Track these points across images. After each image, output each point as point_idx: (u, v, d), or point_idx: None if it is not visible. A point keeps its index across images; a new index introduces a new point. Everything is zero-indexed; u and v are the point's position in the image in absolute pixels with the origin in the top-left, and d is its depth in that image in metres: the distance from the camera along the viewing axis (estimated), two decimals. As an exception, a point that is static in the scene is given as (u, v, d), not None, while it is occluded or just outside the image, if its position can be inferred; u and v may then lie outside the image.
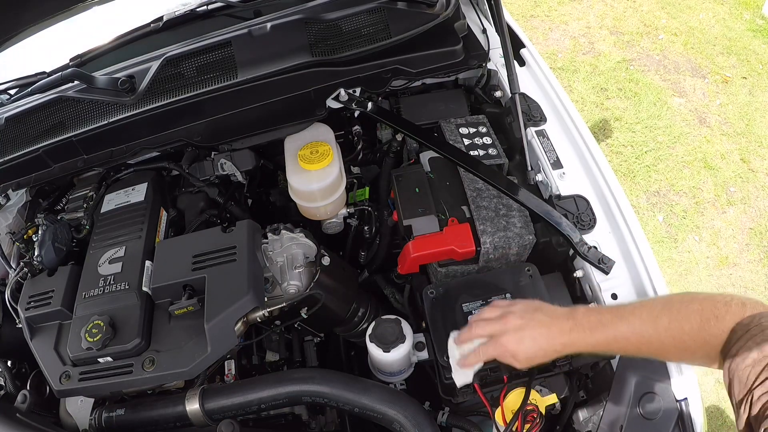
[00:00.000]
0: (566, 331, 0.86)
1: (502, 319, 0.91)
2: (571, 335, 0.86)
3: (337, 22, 1.33)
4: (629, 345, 0.83)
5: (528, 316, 0.90)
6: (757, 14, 4.03)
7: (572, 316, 0.88)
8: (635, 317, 0.82)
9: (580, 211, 1.20)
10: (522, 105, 1.34)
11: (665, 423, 0.95)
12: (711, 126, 3.33)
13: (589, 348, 0.87)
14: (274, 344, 1.33)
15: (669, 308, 0.81)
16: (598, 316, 0.86)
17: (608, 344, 0.85)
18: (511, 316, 0.91)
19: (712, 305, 0.77)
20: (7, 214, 1.37)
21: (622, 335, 0.82)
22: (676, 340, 0.78)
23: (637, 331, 0.81)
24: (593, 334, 0.85)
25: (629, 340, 0.82)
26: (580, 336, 0.85)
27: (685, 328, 0.78)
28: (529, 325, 0.89)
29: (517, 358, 0.89)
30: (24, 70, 1.48)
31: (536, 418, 1.00)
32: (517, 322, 0.90)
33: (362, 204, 1.46)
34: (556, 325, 0.87)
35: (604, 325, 0.84)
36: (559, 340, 0.86)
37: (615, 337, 0.83)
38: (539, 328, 0.88)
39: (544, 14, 4.19)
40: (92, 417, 1.06)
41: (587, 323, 0.86)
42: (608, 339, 0.84)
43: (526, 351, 0.88)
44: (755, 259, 2.78)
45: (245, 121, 1.34)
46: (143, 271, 1.11)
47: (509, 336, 0.89)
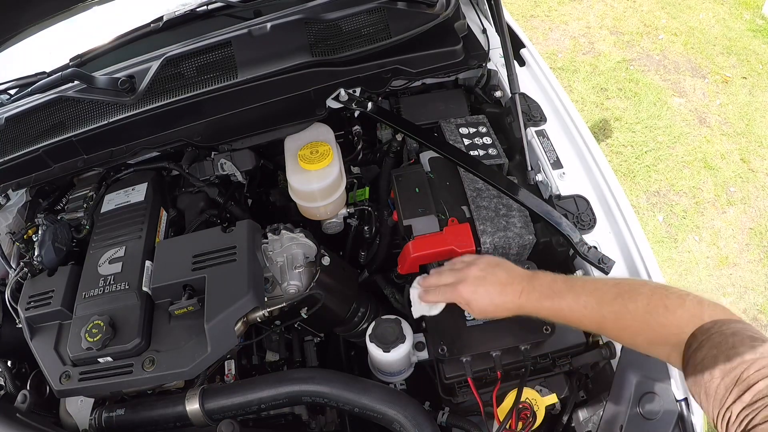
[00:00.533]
0: (518, 293, 0.90)
1: (464, 269, 0.97)
2: (522, 299, 0.89)
3: (337, 22, 1.33)
4: (572, 315, 0.85)
5: (488, 270, 0.95)
6: (757, 14, 4.03)
7: (529, 279, 0.91)
8: (583, 290, 0.84)
9: (580, 211, 1.20)
10: (522, 105, 1.34)
11: (665, 423, 0.95)
12: (711, 126, 3.33)
13: (538, 313, 0.90)
14: (274, 344, 1.33)
15: (618, 286, 0.82)
16: (551, 284, 0.89)
17: (555, 312, 0.87)
18: (473, 267, 0.96)
19: (663, 293, 0.77)
20: (7, 214, 1.37)
21: (567, 305, 0.85)
22: (617, 316, 0.79)
23: (581, 302, 0.83)
24: (542, 301, 0.88)
25: (572, 310, 0.84)
26: (531, 300, 0.89)
27: (629, 306, 0.78)
28: (486, 278, 0.94)
29: (470, 306, 0.95)
30: (24, 70, 1.48)
31: (529, 416, 1.00)
32: (477, 273, 0.95)
33: (362, 204, 1.46)
34: (511, 284, 0.91)
35: (555, 293, 0.87)
36: (511, 299, 0.90)
37: (561, 306, 0.86)
38: (495, 283, 0.93)
39: (544, 14, 4.19)
40: (92, 417, 1.06)
41: (540, 289, 0.89)
42: (555, 307, 0.86)
43: (478, 301, 0.93)
44: (755, 259, 2.78)
45: (245, 121, 1.34)
46: (143, 271, 1.11)
47: (466, 284, 0.94)
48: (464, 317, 1.08)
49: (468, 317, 1.08)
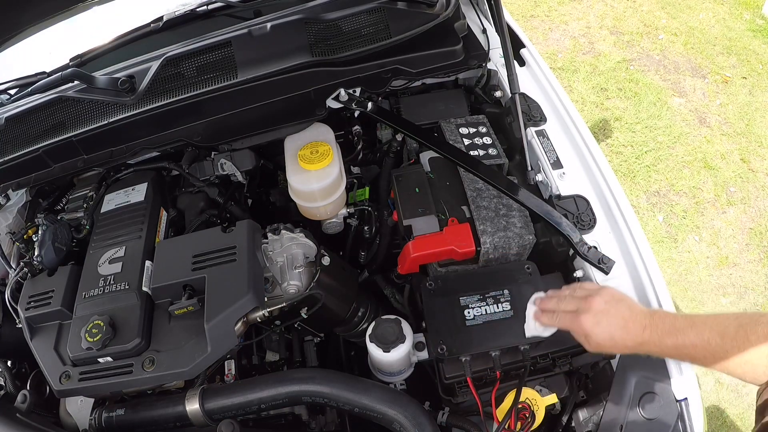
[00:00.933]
0: (640, 329, 0.88)
1: (587, 299, 0.94)
2: (644, 335, 0.87)
3: (337, 22, 1.33)
4: (696, 352, 0.84)
5: (611, 304, 0.92)
6: (757, 14, 4.03)
7: (650, 316, 0.90)
8: (705, 325, 0.83)
9: (580, 211, 1.20)
10: (522, 105, 1.34)
11: (665, 423, 0.95)
12: (711, 126, 3.33)
13: (658, 352, 0.89)
14: (274, 344, 1.33)
15: (738, 318, 0.81)
16: (672, 321, 0.87)
17: (677, 350, 0.86)
18: (596, 298, 0.93)
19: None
20: (7, 214, 1.37)
21: (690, 342, 0.83)
22: (741, 348, 0.79)
23: (705, 338, 0.82)
24: (664, 338, 0.86)
25: (696, 346, 0.83)
26: (652, 337, 0.87)
27: (751, 338, 0.78)
28: (610, 312, 0.91)
29: (588, 339, 0.92)
30: (24, 70, 1.48)
31: (528, 417, 1.00)
32: (601, 306, 0.92)
33: (362, 204, 1.46)
34: (633, 320, 0.89)
35: (677, 330, 0.85)
36: (632, 336, 0.88)
37: (684, 343, 0.84)
38: (618, 318, 0.90)
39: (544, 14, 4.19)
40: (92, 417, 1.06)
41: (661, 326, 0.87)
42: (677, 345, 0.85)
43: (598, 335, 0.91)
44: (755, 259, 2.78)
45: (245, 121, 1.34)
46: (143, 271, 1.11)
47: (588, 316, 0.92)
48: (464, 317, 1.08)
49: (468, 317, 1.08)
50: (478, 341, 1.06)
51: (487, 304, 1.09)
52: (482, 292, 1.10)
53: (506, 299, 1.10)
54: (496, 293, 1.10)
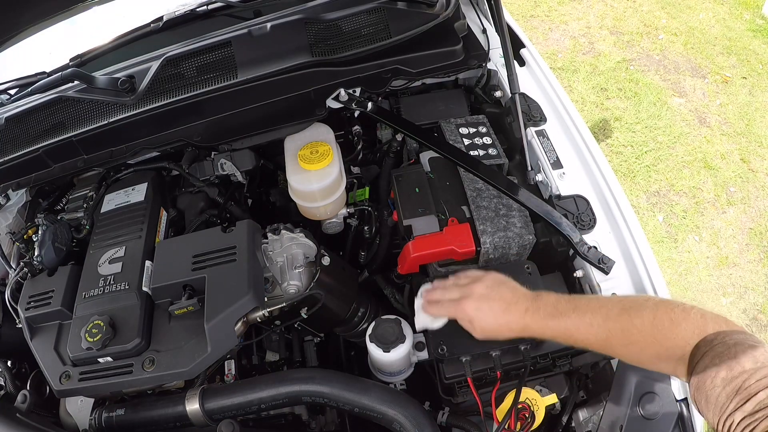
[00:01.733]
0: (522, 312, 0.88)
1: (470, 285, 0.95)
2: (526, 318, 0.88)
3: (337, 22, 1.33)
4: (578, 334, 0.84)
5: (493, 288, 0.93)
6: (757, 14, 4.03)
7: (533, 299, 0.90)
8: (588, 307, 0.84)
9: (580, 211, 1.20)
10: (522, 105, 1.34)
11: (665, 423, 0.95)
12: (711, 126, 3.33)
13: (543, 334, 0.88)
14: (274, 344, 1.33)
15: (622, 302, 0.82)
16: (555, 304, 0.88)
17: (560, 333, 0.86)
18: (478, 284, 0.94)
19: (668, 308, 0.77)
20: (7, 214, 1.37)
21: (573, 324, 0.84)
22: (624, 332, 0.79)
23: (587, 320, 0.82)
24: (547, 320, 0.86)
25: (578, 328, 0.83)
26: (535, 320, 0.87)
27: (635, 321, 0.78)
28: (491, 296, 0.92)
29: (473, 324, 0.93)
30: (24, 70, 1.48)
31: (527, 417, 1.00)
32: (482, 291, 0.93)
33: (362, 204, 1.46)
34: (515, 304, 0.90)
35: (559, 312, 0.86)
36: (515, 318, 0.89)
37: (566, 325, 0.85)
38: (499, 302, 0.91)
39: (544, 14, 4.19)
40: (92, 417, 1.06)
41: (544, 309, 0.87)
42: (560, 327, 0.85)
43: (481, 320, 0.92)
44: (755, 259, 2.78)
45: (245, 121, 1.34)
46: (143, 271, 1.11)
47: (470, 301, 0.93)
48: None
49: None
50: (478, 341, 1.05)
51: None
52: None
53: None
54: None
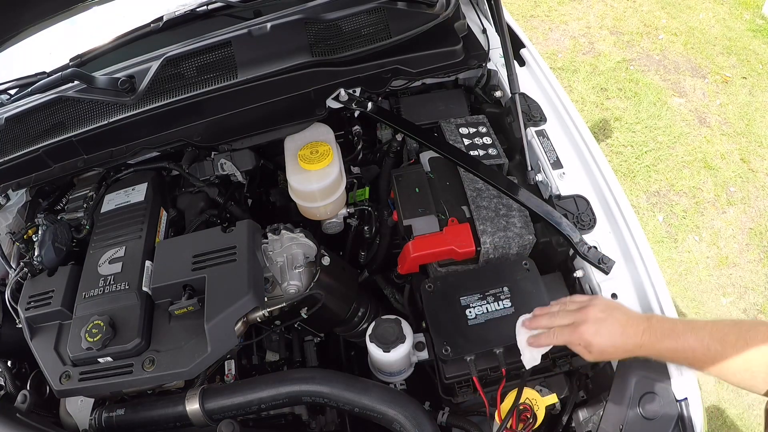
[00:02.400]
0: (640, 333, 0.89)
1: (582, 310, 0.94)
2: (644, 337, 0.89)
3: (337, 22, 1.33)
4: (695, 357, 0.85)
5: (607, 312, 0.93)
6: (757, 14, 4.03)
7: (647, 319, 0.91)
8: (704, 329, 0.85)
9: (580, 211, 1.20)
10: (522, 105, 1.34)
11: (665, 423, 0.95)
12: (711, 126, 3.33)
13: (657, 354, 0.90)
14: (274, 344, 1.33)
15: (738, 327, 0.83)
16: (671, 325, 0.89)
17: (675, 353, 0.87)
18: (592, 308, 0.94)
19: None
20: (7, 214, 1.37)
21: (689, 346, 0.85)
22: (740, 358, 0.80)
23: (705, 344, 0.84)
24: (663, 341, 0.87)
25: (695, 351, 0.84)
26: (652, 340, 0.88)
27: (751, 346, 0.80)
28: (608, 320, 0.92)
29: (590, 349, 0.92)
30: (24, 70, 1.48)
31: (529, 417, 1.00)
32: (598, 315, 0.92)
33: (362, 204, 1.46)
34: (632, 325, 0.91)
35: (676, 334, 0.87)
36: (633, 339, 0.90)
37: (683, 347, 0.86)
38: (617, 324, 0.91)
39: (544, 14, 4.19)
40: (92, 417, 1.06)
41: (660, 329, 0.88)
42: (676, 348, 0.86)
43: (600, 343, 0.91)
44: (755, 259, 2.78)
45: (245, 121, 1.34)
46: (143, 271, 1.11)
47: (588, 326, 0.92)
48: (466, 317, 1.08)
49: (470, 317, 1.08)
50: (481, 340, 1.06)
51: (487, 302, 1.09)
52: (482, 290, 1.11)
53: (506, 296, 1.10)
54: (496, 291, 1.10)
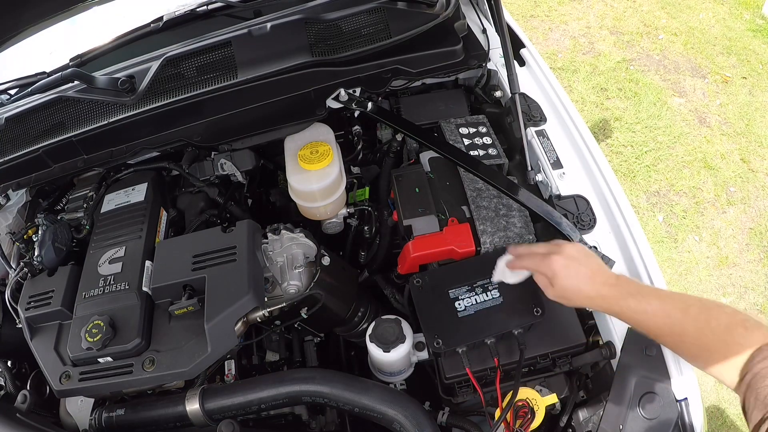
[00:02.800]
0: (606, 285, 0.90)
1: (559, 245, 0.97)
2: (610, 289, 0.90)
3: (337, 22, 1.33)
4: (654, 321, 0.86)
5: (582, 254, 0.95)
6: (757, 14, 4.03)
7: (617, 276, 0.93)
8: (669, 299, 0.87)
9: (580, 211, 1.20)
10: (522, 105, 1.34)
11: (665, 423, 0.95)
12: (711, 126, 3.33)
13: (617, 311, 0.91)
14: (274, 344, 1.33)
15: (702, 302, 0.85)
16: (638, 286, 0.91)
17: (636, 313, 0.88)
18: (570, 246, 0.96)
19: (743, 316, 0.80)
20: (7, 214, 1.37)
21: (651, 309, 0.86)
22: (699, 332, 0.81)
23: (666, 310, 0.85)
24: (627, 299, 0.88)
25: (656, 315, 0.86)
26: (615, 294, 0.89)
27: (712, 323, 0.81)
28: (581, 260, 0.93)
29: (553, 281, 0.94)
30: (24, 70, 1.48)
31: (527, 414, 1.00)
32: (573, 253, 0.94)
33: (362, 204, 1.46)
34: (601, 274, 0.92)
35: (641, 295, 0.88)
36: (597, 288, 0.91)
37: (645, 309, 0.87)
38: (587, 267, 0.93)
39: (544, 14, 4.19)
40: (92, 417, 1.06)
41: (627, 287, 0.90)
42: (638, 309, 0.88)
43: (564, 279, 0.92)
44: (755, 259, 2.78)
45: (245, 121, 1.34)
46: (143, 271, 1.11)
47: (559, 257, 0.93)
48: (455, 309, 1.08)
49: (459, 309, 1.07)
50: (472, 331, 1.05)
51: (476, 293, 1.09)
52: (470, 282, 1.10)
53: (494, 286, 1.09)
54: (484, 282, 1.10)
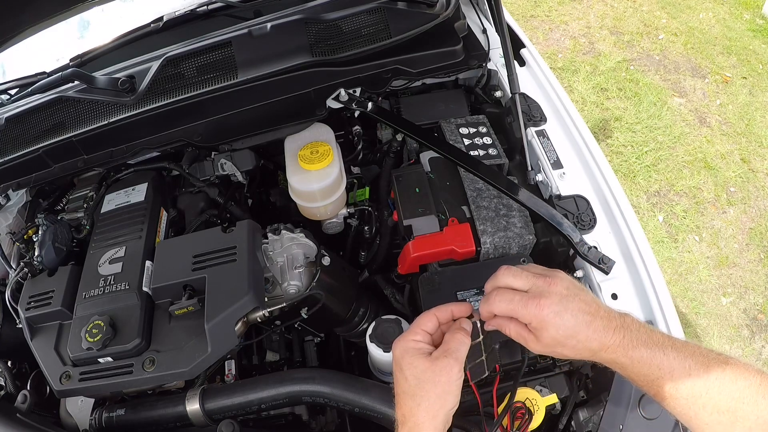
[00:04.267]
0: (611, 329, 0.70)
1: (547, 279, 0.74)
2: (614, 337, 0.70)
3: (337, 22, 1.33)
4: (670, 376, 0.68)
5: (575, 292, 0.73)
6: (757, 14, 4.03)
7: (622, 316, 0.73)
8: (686, 348, 0.69)
9: (580, 211, 1.20)
10: (522, 105, 1.34)
11: (665, 423, 0.95)
12: (711, 126, 3.33)
13: (624, 363, 0.71)
14: (274, 344, 1.33)
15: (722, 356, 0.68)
16: (649, 332, 0.71)
17: (648, 367, 0.70)
18: (558, 281, 0.73)
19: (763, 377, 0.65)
20: (7, 214, 1.37)
21: (668, 362, 0.68)
22: (723, 390, 0.65)
23: (686, 364, 0.67)
24: (638, 348, 0.70)
25: (672, 369, 0.68)
26: (624, 343, 0.70)
27: (739, 383, 0.65)
28: (574, 300, 0.71)
29: (541, 332, 0.72)
30: (24, 70, 1.48)
31: (525, 415, 1.00)
32: (563, 291, 0.72)
33: (362, 204, 1.45)
34: (601, 315, 0.71)
35: (655, 343, 0.69)
36: (600, 336, 0.70)
37: (660, 362, 0.69)
38: (583, 308, 0.71)
39: (544, 14, 4.19)
40: (92, 417, 1.06)
41: (636, 332, 0.71)
42: (652, 361, 0.69)
43: (558, 327, 0.71)
44: (755, 259, 2.78)
45: (245, 121, 1.34)
46: (143, 271, 1.11)
47: (550, 300, 0.71)
48: None
49: None
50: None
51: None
52: (478, 286, 1.10)
53: None
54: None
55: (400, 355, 0.77)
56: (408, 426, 0.74)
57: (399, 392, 0.77)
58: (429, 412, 0.74)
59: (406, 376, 0.75)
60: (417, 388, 0.74)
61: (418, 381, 0.75)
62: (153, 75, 1.24)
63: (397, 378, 0.78)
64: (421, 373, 0.75)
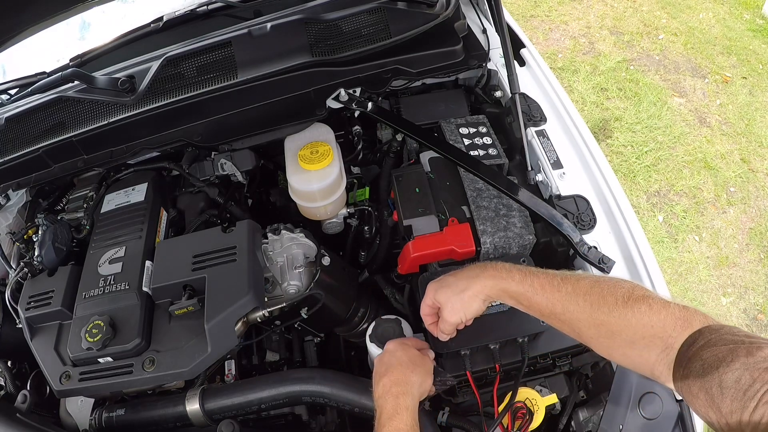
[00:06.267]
0: (488, 277, 0.90)
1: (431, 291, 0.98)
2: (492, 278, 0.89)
3: (337, 22, 1.33)
4: (542, 297, 0.82)
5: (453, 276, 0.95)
6: (757, 14, 4.03)
7: (494, 264, 0.92)
8: (556, 273, 0.84)
9: (580, 211, 1.20)
10: (522, 105, 1.34)
11: (665, 423, 0.95)
12: (711, 126, 3.33)
13: (508, 289, 0.87)
14: (274, 344, 1.34)
15: (591, 277, 0.81)
16: (521, 267, 0.89)
17: (525, 290, 0.85)
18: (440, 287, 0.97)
19: (644, 293, 0.74)
20: (7, 214, 1.37)
21: (538, 283, 0.83)
22: (594, 307, 0.75)
23: (555, 283, 0.81)
24: (513, 274, 0.87)
25: (543, 288, 0.83)
26: (501, 276, 0.88)
27: (608, 299, 0.74)
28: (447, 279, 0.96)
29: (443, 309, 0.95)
30: (24, 70, 1.48)
31: (525, 415, 1.00)
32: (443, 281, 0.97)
33: (362, 204, 1.45)
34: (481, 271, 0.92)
35: (529, 271, 0.86)
36: (480, 282, 0.90)
37: (531, 283, 0.84)
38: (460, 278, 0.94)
39: (544, 14, 4.19)
40: (92, 417, 1.06)
41: (509, 268, 0.89)
42: (525, 283, 0.85)
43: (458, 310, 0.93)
44: (755, 259, 2.78)
45: (245, 121, 1.34)
46: (143, 271, 1.11)
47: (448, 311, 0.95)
48: None
49: None
50: (476, 335, 1.05)
51: None
52: None
53: None
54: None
55: (396, 345, 1.04)
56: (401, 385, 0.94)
57: (394, 363, 0.98)
58: (421, 376, 0.97)
59: (401, 355, 1.00)
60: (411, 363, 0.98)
61: (411, 358, 1.00)
62: (153, 75, 1.24)
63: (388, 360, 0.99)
64: (415, 355, 1.01)
